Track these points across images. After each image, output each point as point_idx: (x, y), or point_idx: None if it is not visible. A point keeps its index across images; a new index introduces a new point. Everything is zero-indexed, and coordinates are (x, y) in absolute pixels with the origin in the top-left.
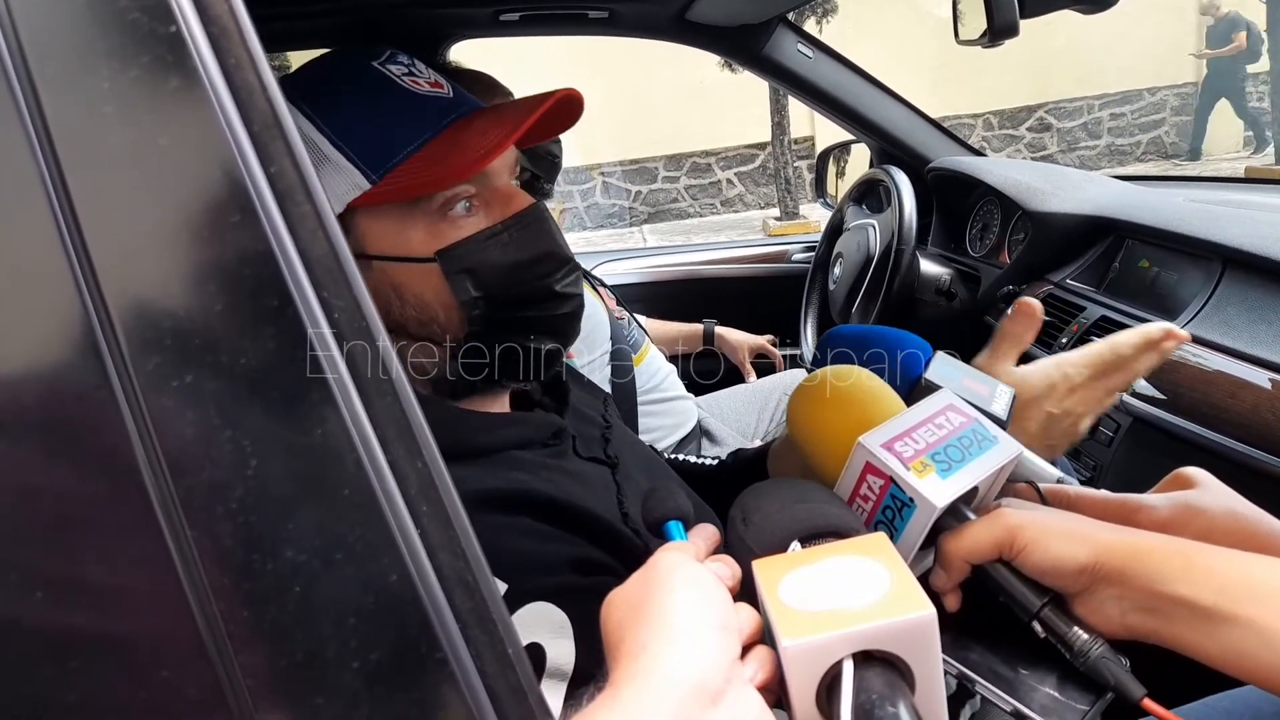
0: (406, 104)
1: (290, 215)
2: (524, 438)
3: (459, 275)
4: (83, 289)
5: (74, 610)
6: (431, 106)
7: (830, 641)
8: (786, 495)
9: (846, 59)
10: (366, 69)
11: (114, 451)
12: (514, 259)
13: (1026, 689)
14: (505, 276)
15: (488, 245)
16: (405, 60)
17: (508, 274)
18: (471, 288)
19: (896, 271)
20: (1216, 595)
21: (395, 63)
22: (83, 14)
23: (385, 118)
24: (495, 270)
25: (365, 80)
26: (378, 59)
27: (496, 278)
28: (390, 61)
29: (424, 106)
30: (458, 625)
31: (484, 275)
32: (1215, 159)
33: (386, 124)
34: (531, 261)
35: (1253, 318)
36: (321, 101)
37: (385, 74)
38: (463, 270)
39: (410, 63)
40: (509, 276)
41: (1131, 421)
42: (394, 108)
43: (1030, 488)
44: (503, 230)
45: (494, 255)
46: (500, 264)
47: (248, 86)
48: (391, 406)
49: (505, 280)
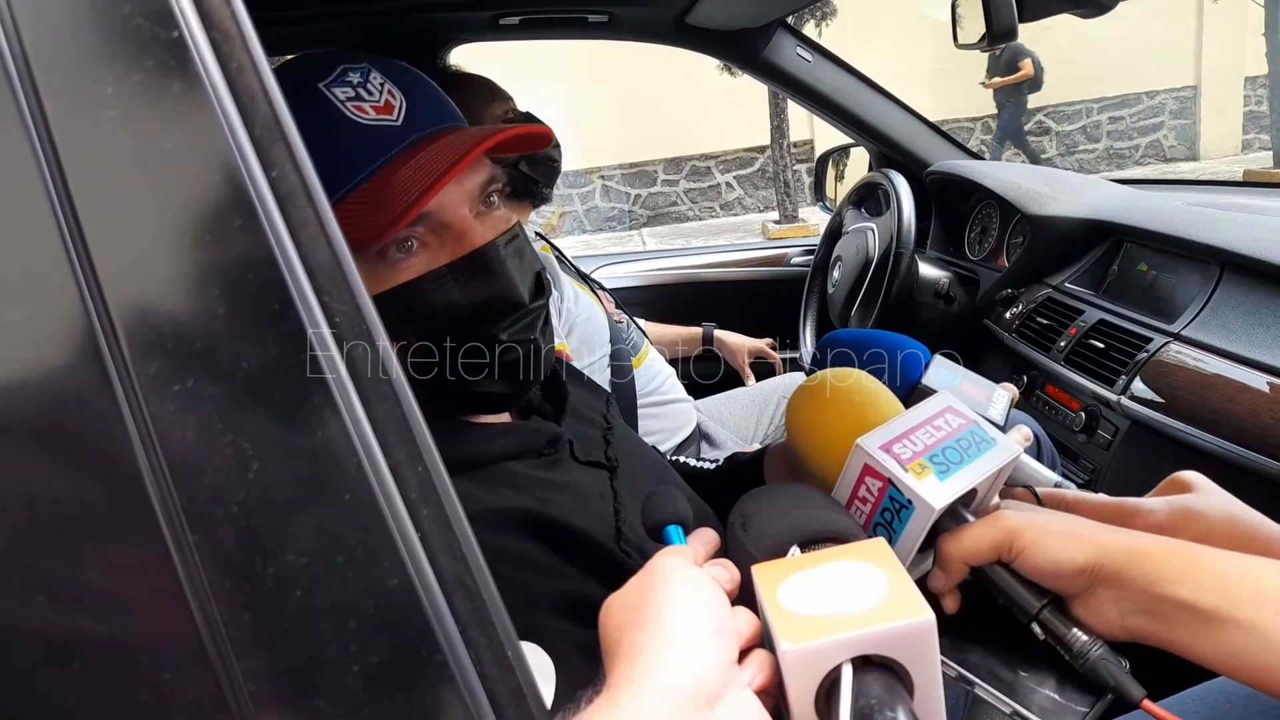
0: (346, 136)
1: (291, 219)
2: (519, 448)
3: (396, 323)
4: (85, 293)
5: (76, 614)
6: (371, 139)
7: (829, 646)
8: (786, 501)
9: (845, 62)
10: (311, 92)
11: (116, 455)
12: (458, 303)
13: (1026, 691)
14: (445, 323)
15: (429, 291)
16: (355, 79)
17: (449, 320)
18: (410, 333)
19: (895, 275)
20: (1216, 597)
21: (343, 84)
22: (86, 19)
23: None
24: (436, 316)
25: (308, 107)
26: (325, 79)
27: (435, 324)
28: (338, 83)
29: (365, 138)
30: (457, 628)
31: (423, 322)
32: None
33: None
34: (477, 308)
35: (1251, 321)
36: None
37: (329, 99)
38: (400, 317)
39: (361, 81)
40: (451, 323)
41: (1129, 425)
42: (332, 140)
43: (1028, 492)
44: (447, 274)
45: (435, 301)
46: (441, 310)
47: (249, 91)
48: (392, 410)
49: (445, 326)
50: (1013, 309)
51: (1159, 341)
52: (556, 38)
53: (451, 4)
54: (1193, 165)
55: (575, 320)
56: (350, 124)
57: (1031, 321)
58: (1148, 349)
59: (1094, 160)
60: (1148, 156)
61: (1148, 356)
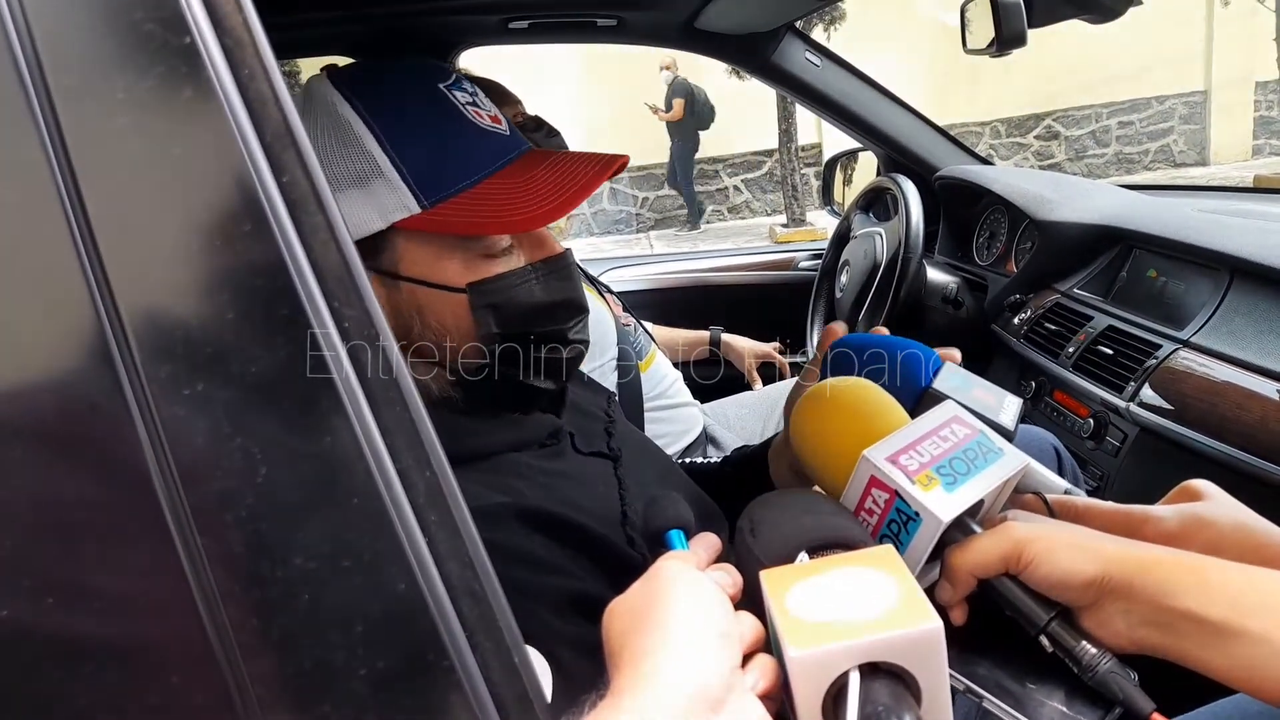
0: (467, 136)
1: (302, 225)
2: (520, 440)
3: (484, 309)
4: (96, 297)
5: (86, 616)
6: (490, 143)
7: (837, 652)
8: (794, 507)
9: (854, 67)
10: (434, 91)
11: (126, 459)
12: (538, 302)
13: (1034, 704)
14: (526, 317)
15: (517, 286)
16: (469, 89)
17: (529, 315)
18: (494, 323)
19: (903, 279)
20: (1226, 609)
21: (460, 89)
22: (98, 25)
23: (445, 146)
24: (518, 310)
25: (431, 102)
26: (444, 81)
27: (518, 317)
28: (456, 87)
29: (483, 142)
30: (464, 634)
31: (507, 313)
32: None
33: (446, 152)
34: (553, 306)
35: (1260, 328)
36: (386, 115)
37: (451, 100)
38: (489, 305)
39: (474, 92)
40: (530, 317)
41: (1138, 432)
42: (455, 138)
43: (1037, 499)
44: (533, 274)
45: (520, 295)
46: (524, 305)
47: (261, 97)
48: (401, 415)
49: (525, 320)
50: (1021, 314)
51: (1168, 348)
52: (566, 41)
53: (461, 8)
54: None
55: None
56: (472, 126)
57: (1040, 327)
58: (1157, 355)
59: (1103, 165)
60: (1157, 162)
61: (1157, 363)
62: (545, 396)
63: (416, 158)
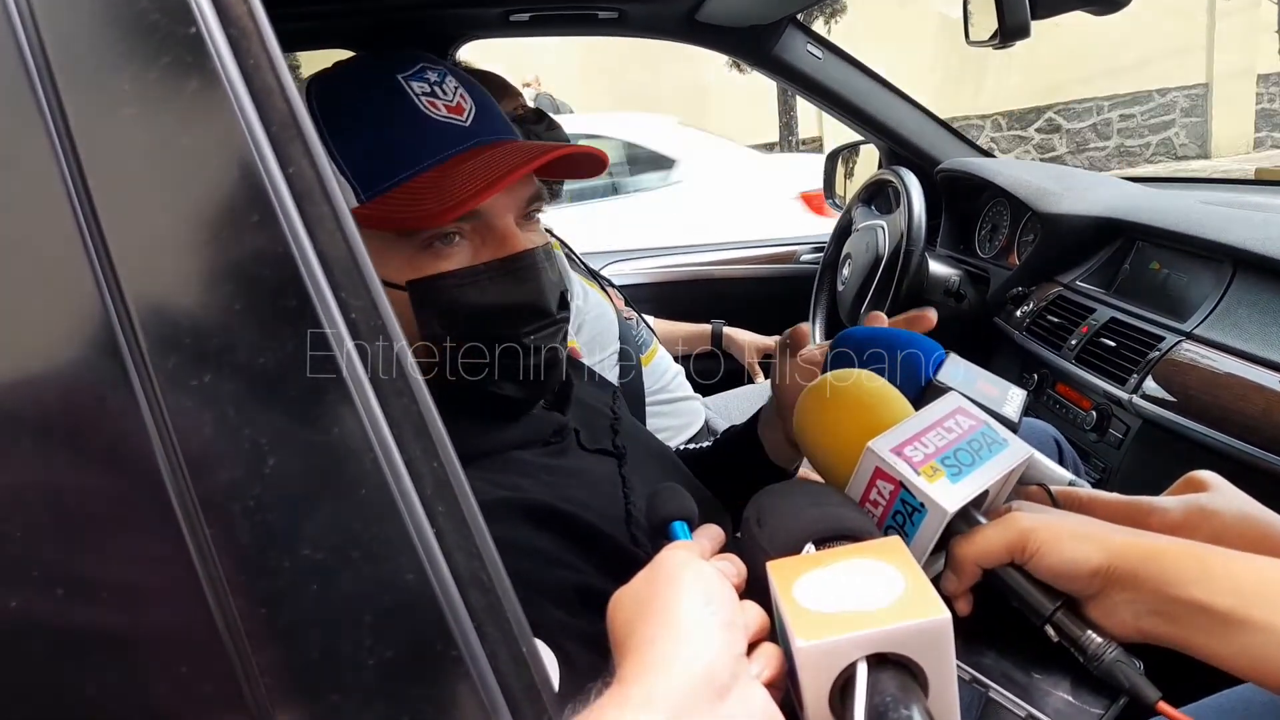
0: (414, 126)
1: (308, 216)
2: (525, 437)
3: (426, 309)
4: (103, 288)
5: (94, 607)
6: (440, 133)
7: (845, 643)
8: (801, 498)
9: (855, 59)
10: (389, 82)
11: (133, 450)
12: (487, 303)
13: (1040, 693)
14: (473, 319)
15: (464, 285)
16: (433, 76)
17: (476, 317)
18: (437, 324)
19: (905, 272)
20: (1232, 599)
21: (420, 79)
22: (104, 16)
23: (390, 137)
24: (465, 311)
25: (383, 94)
26: (405, 71)
27: (463, 318)
28: (416, 77)
29: (432, 131)
30: (472, 624)
31: (453, 315)
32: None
33: (389, 144)
34: (506, 309)
35: (1263, 320)
36: (335, 109)
37: (405, 90)
38: (431, 304)
39: (438, 80)
40: (477, 320)
41: (1141, 424)
42: (401, 128)
43: (1042, 490)
44: (484, 273)
45: (468, 296)
46: (470, 306)
47: (266, 88)
48: (408, 406)
49: (472, 322)
50: (1024, 307)
51: (1171, 340)
52: (567, 34)
53: (462, 0)
54: (1204, 163)
55: (585, 317)
56: (422, 117)
57: (1042, 320)
58: (1159, 348)
59: (1104, 158)
60: (1159, 154)
61: (1159, 355)
62: (518, 404)
63: (358, 150)
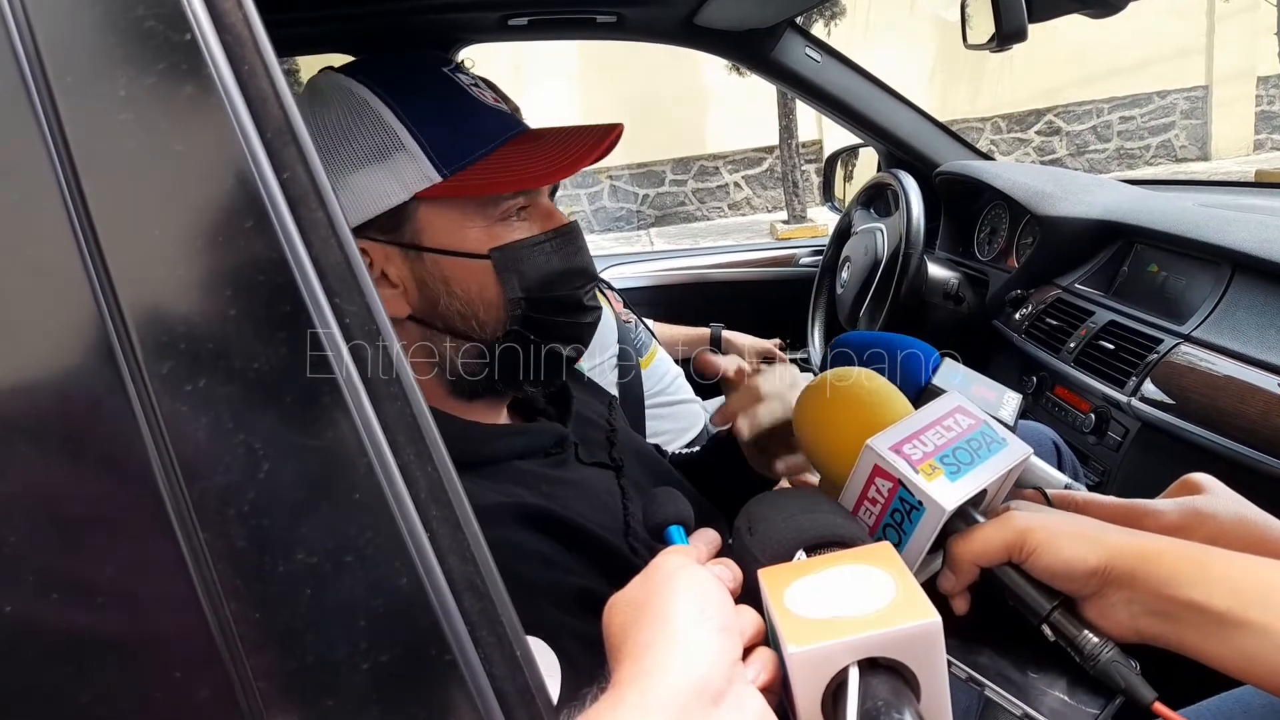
0: (478, 111)
1: (303, 221)
2: (526, 448)
3: (508, 274)
4: (98, 294)
5: (89, 611)
6: (498, 118)
7: (836, 648)
8: (792, 505)
9: (854, 63)
10: (441, 73)
11: (128, 455)
12: (554, 268)
13: (1036, 692)
14: (545, 281)
15: (534, 251)
16: (470, 74)
17: (547, 280)
18: (518, 286)
19: (904, 275)
20: (1229, 600)
21: (463, 72)
22: (100, 22)
23: (458, 119)
24: (538, 274)
25: (441, 82)
26: (448, 66)
27: (538, 281)
28: (459, 70)
29: (493, 116)
30: (467, 628)
31: (528, 277)
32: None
33: (459, 125)
34: (568, 272)
35: (1262, 322)
36: (402, 92)
37: (456, 81)
38: (512, 270)
39: (475, 77)
40: (548, 282)
41: (1139, 426)
42: (466, 112)
43: (1038, 493)
44: (546, 240)
45: (539, 261)
46: (542, 270)
47: (261, 94)
48: (402, 411)
49: (544, 285)
50: (1022, 310)
51: (1169, 343)
52: (565, 38)
53: (460, 5)
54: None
55: None
56: (479, 103)
57: (1041, 322)
58: (1158, 350)
59: (1104, 160)
60: (1158, 156)
61: (1158, 358)
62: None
63: (433, 130)
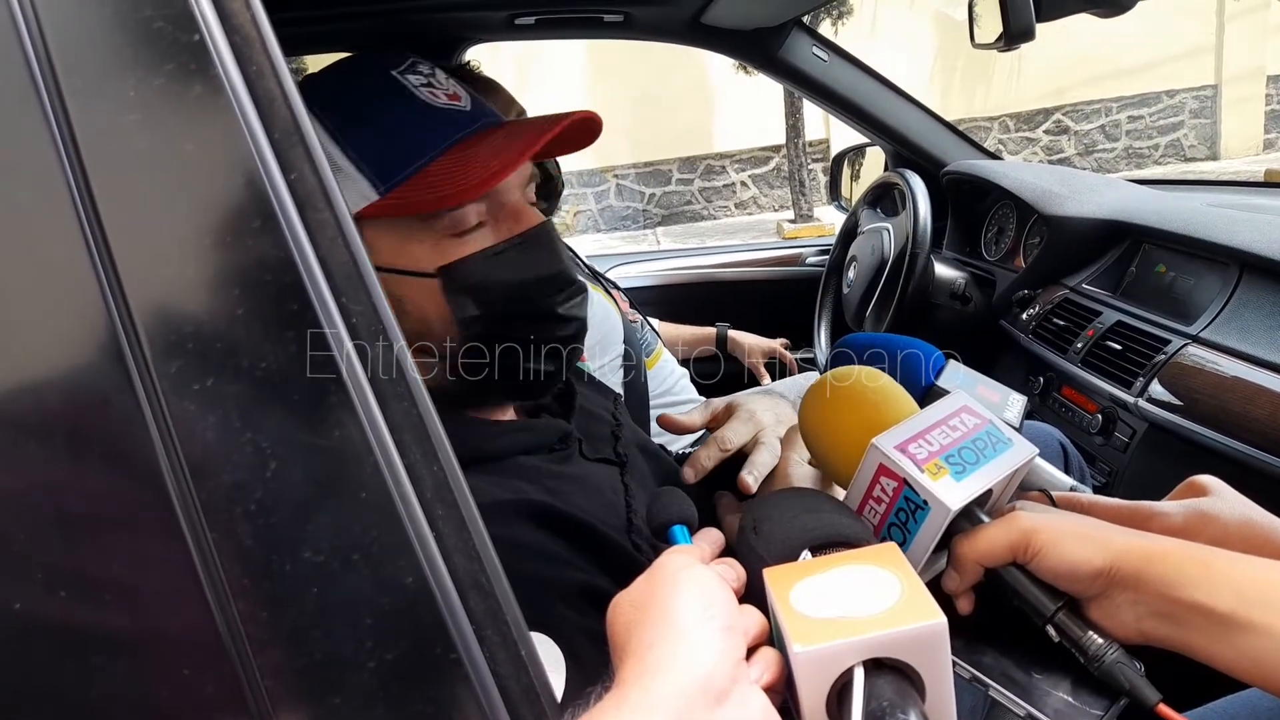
0: (420, 116)
1: (310, 222)
2: (530, 444)
3: (459, 293)
4: (107, 294)
5: (97, 609)
6: (445, 120)
7: (842, 648)
8: (797, 505)
9: (861, 62)
10: (385, 77)
11: (136, 453)
12: (516, 278)
13: (1040, 693)
14: (506, 296)
15: (491, 263)
16: (425, 70)
17: (509, 293)
18: (472, 305)
19: (911, 275)
20: (1234, 601)
21: (415, 72)
22: (109, 23)
23: (398, 129)
24: (496, 289)
25: (382, 89)
26: (397, 67)
27: (497, 297)
28: (410, 71)
29: (438, 119)
30: (472, 627)
31: (485, 294)
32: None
33: (398, 135)
34: (534, 282)
35: (1270, 323)
36: (337, 108)
37: (403, 83)
38: (463, 288)
39: (430, 73)
40: (510, 296)
41: (1147, 428)
42: (408, 119)
43: (1043, 495)
44: (506, 248)
45: (496, 273)
46: (502, 282)
47: (269, 94)
48: (409, 410)
49: (506, 299)
50: (1029, 310)
51: (1177, 343)
52: (572, 37)
53: (467, 4)
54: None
55: (590, 320)
56: (424, 106)
57: (1048, 323)
58: (1166, 351)
59: (1113, 160)
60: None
61: (1166, 358)
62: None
63: (369, 145)
